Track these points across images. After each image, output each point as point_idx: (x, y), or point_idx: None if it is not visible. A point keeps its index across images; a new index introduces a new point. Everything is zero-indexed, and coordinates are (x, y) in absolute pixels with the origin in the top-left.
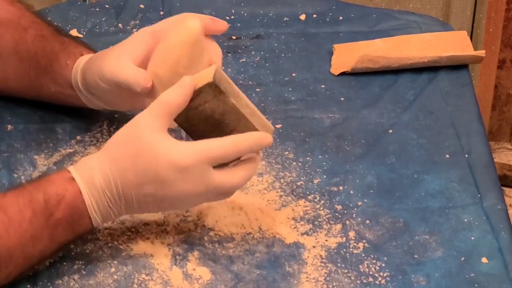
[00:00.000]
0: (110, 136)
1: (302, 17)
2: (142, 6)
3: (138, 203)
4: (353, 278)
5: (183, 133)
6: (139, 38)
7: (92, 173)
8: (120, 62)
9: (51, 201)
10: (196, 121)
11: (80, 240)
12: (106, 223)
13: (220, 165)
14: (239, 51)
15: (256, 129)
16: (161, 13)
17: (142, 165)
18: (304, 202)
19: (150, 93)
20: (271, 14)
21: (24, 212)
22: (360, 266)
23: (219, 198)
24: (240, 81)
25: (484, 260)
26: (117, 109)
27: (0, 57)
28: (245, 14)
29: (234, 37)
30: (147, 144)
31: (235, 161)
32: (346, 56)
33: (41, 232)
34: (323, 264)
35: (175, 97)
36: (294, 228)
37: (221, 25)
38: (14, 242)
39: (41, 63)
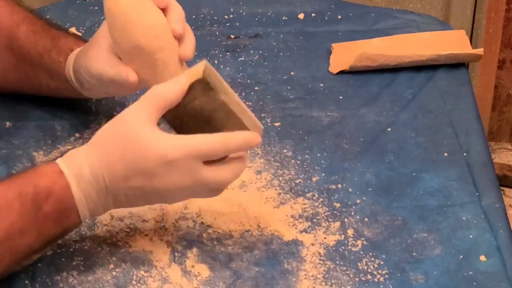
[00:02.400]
0: None
1: (301, 16)
2: None
3: (126, 196)
4: (351, 275)
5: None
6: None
7: (80, 166)
8: (101, 58)
9: (41, 195)
10: (186, 119)
11: (78, 237)
12: (105, 222)
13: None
14: (238, 50)
15: (246, 127)
16: None
17: (130, 157)
18: (303, 200)
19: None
20: (269, 13)
21: (13, 205)
22: (359, 264)
23: (208, 195)
24: (239, 80)
25: (482, 258)
26: (119, 95)
27: None
28: (244, 13)
29: (232, 36)
30: (135, 136)
31: (223, 158)
32: (345, 54)
33: (29, 225)
34: (321, 262)
35: (168, 92)
36: (293, 225)
37: (160, 1)
38: (1, 235)
39: (35, 60)
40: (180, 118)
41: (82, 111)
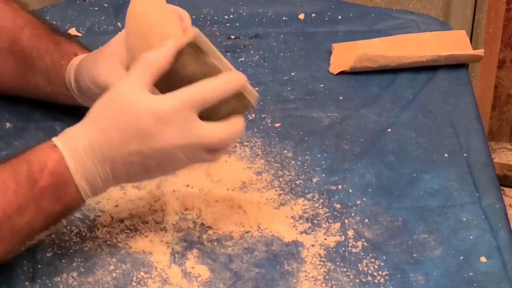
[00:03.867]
0: None
1: (301, 16)
2: None
3: (124, 164)
4: (352, 277)
5: None
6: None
7: (75, 139)
8: (110, 68)
9: (34, 169)
10: (179, 86)
11: (79, 238)
12: (105, 223)
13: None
14: (238, 50)
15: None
16: None
17: (124, 121)
18: (303, 201)
19: None
20: (270, 14)
21: (8, 183)
22: (359, 265)
23: (205, 157)
24: None
25: (482, 259)
26: None
27: None
28: (244, 14)
29: (233, 36)
30: (128, 100)
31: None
32: (345, 55)
33: (26, 201)
34: (322, 263)
35: (157, 56)
36: (293, 226)
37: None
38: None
39: (36, 63)
40: (174, 87)
41: (83, 112)
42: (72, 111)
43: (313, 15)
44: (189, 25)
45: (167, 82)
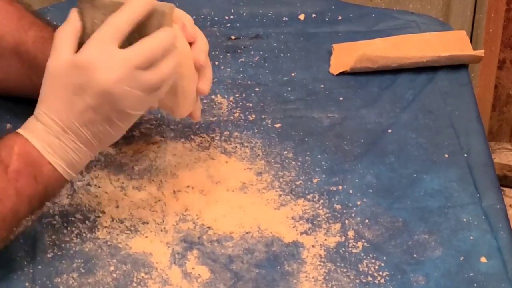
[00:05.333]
0: None
1: (301, 17)
2: None
3: (84, 126)
4: (352, 277)
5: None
6: None
7: (32, 122)
8: None
9: (2, 154)
10: None
11: (79, 239)
12: (106, 224)
13: None
14: (238, 50)
15: None
16: None
17: (58, 87)
18: (303, 202)
19: None
20: (270, 14)
21: None
22: (359, 266)
23: (151, 78)
24: (239, 81)
25: (483, 259)
26: None
27: (0, 58)
28: (244, 14)
29: (233, 37)
30: (54, 68)
31: None
32: (345, 55)
33: (4, 187)
34: (322, 263)
35: (64, 25)
36: (293, 227)
37: (189, 36)
38: None
39: (41, 65)
40: None
41: None
42: None
43: (314, 15)
44: (192, 31)
45: None
